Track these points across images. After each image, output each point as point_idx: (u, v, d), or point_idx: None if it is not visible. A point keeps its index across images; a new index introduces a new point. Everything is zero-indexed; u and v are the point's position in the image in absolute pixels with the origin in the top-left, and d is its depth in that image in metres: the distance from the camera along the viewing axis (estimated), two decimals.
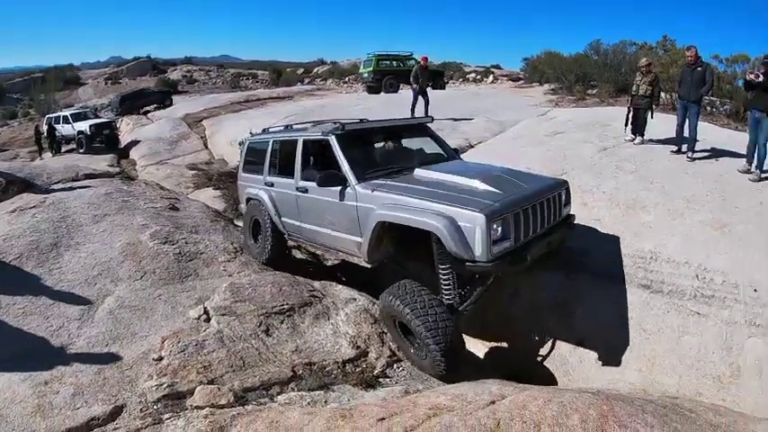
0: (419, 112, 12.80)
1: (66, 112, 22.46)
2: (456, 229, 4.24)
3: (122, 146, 19.90)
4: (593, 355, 5.45)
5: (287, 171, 6.56)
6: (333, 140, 5.70)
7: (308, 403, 3.71)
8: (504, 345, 5.99)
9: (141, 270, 6.08)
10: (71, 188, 8.94)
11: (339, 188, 5.46)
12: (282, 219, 6.79)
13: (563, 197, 5.45)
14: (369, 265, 5.52)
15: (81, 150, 19.31)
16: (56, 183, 9.84)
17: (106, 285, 5.71)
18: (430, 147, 6.79)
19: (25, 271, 5.87)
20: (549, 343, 5.74)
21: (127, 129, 21.60)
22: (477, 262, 4.20)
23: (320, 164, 6.17)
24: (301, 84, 38.87)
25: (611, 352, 5.39)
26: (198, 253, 6.82)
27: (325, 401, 3.84)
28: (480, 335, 6.15)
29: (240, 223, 9.29)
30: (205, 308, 5.33)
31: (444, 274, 4.65)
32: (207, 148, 17.80)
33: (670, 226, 6.30)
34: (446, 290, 4.69)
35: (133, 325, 5.02)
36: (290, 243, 7.41)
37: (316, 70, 46.25)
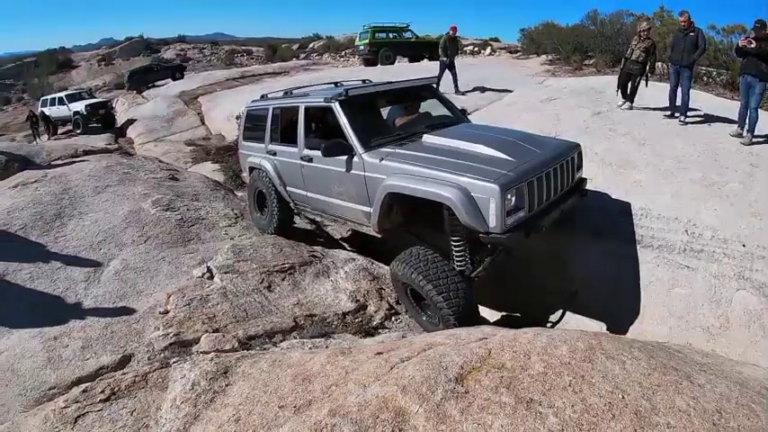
0: (447, 86, 12.22)
1: (62, 94, 22.31)
2: (469, 200, 4.10)
3: (119, 125, 19.89)
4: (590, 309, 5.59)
5: (289, 139, 6.28)
6: (336, 107, 5.39)
7: (310, 348, 3.87)
8: (517, 314, 6.00)
9: (144, 235, 6.21)
10: (71, 163, 9.01)
11: (345, 157, 5.19)
12: (288, 188, 6.51)
13: (575, 161, 5.31)
14: (378, 235, 5.34)
15: (78, 131, 19.24)
16: (56, 159, 9.89)
17: (111, 250, 5.84)
18: (437, 110, 6.49)
19: (30, 240, 5.99)
20: (560, 312, 5.78)
21: (122, 108, 21.57)
22: (492, 233, 4.10)
23: (324, 131, 6.01)
24: (297, 59, 38.52)
25: (604, 304, 5.56)
26: (199, 219, 6.95)
27: (326, 346, 3.99)
28: (492, 303, 6.15)
29: (241, 193, 9.42)
30: (208, 267, 5.49)
31: (456, 243, 4.58)
32: (204, 124, 17.82)
33: (661, 184, 6.41)
34: (458, 257, 4.61)
35: (138, 284, 5.19)
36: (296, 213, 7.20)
37: (311, 45, 45.73)
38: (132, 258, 5.67)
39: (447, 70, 12.39)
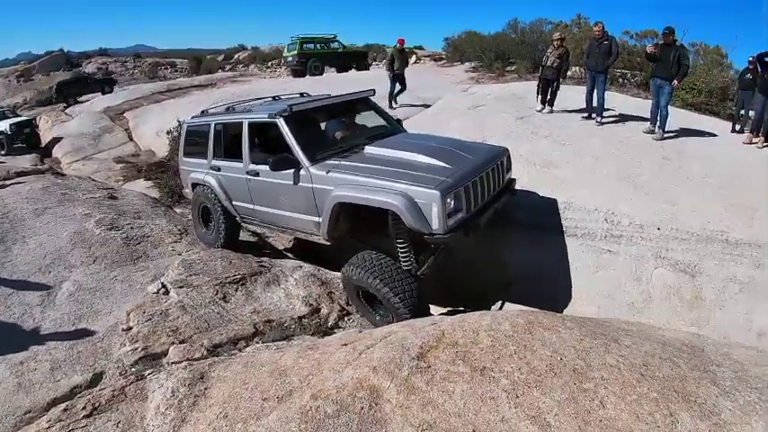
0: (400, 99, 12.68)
1: None
2: (413, 205, 4.47)
3: (43, 144, 19.06)
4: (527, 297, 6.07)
5: (233, 154, 6.34)
6: (281, 123, 5.56)
7: (275, 350, 4.13)
8: (461, 308, 6.39)
9: (92, 255, 6.22)
10: (3, 186, 8.77)
11: (292, 170, 5.40)
12: (234, 203, 6.62)
13: (505, 164, 5.79)
14: (327, 243, 5.57)
15: (2, 152, 18.18)
16: None
17: (61, 272, 5.83)
18: (374, 120, 6.82)
19: None
20: (499, 303, 6.23)
21: (46, 126, 20.62)
22: (435, 234, 4.48)
23: (268, 146, 6.14)
24: (223, 71, 38.05)
25: (538, 291, 6.08)
26: (145, 236, 6.99)
27: (290, 347, 4.26)
28: (437, 301, 6.40)
29: (179, 210, 9.45)
30: (162, 283, 5.59)
31: (402, 245, 4.93)
32: (132, 140, 17.42)
33: (581, 180, 7.07)
34: (404, 258, 4.96)
35: (95, 304, 5.24)
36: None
37: (237, 56, 45.27)
38: (84, 279, 5.70)
39: (397, 83, 12.55)
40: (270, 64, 37.92)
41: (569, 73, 12.06)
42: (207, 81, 28.17)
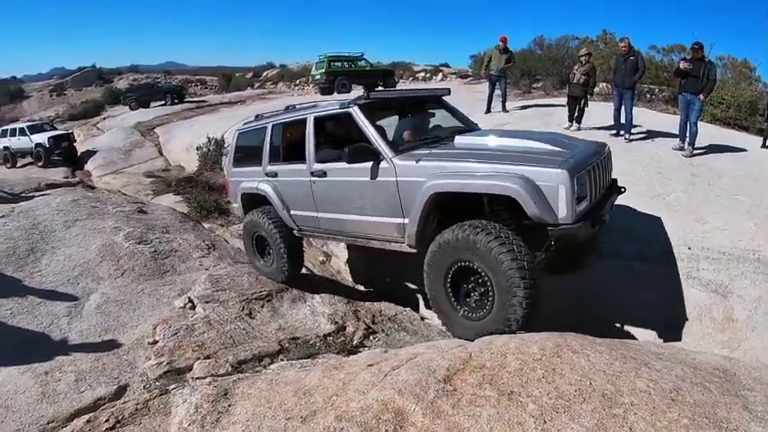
0: (497, 106, 12.13)
1: (23, 124, 21.50)
2: (536, 190, 3.72)
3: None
4: None
5: (294, 156, 5.73)
6: (356, 111, 4.93)
7: (299, 368, 4.11)
8: None
9: (120, 268, 6.31)
10: (34, 197, 8.98)
11: (370, 164, 4.69)
12: (292, 212, 5.92)
13: (610, 158, 5.10)
14: (413, 251, 4.66)
15: (39, 164, 18.58)
16: (20, 193, 9.80)
17: (89, 284, 5.92)
18: (448, 121, 6.11)
19: (6, 275, 5.99)
20: None
21: (79, 140, 21.21)
22: (561, 224, 3.76)
23: (338, 144, 5.43)
24: (252, 88, 38.56)
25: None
26: (172, 251, 7.08)
27: (315, 365, 4.25)
28: None
29: (208, 225, 9.56)
30: (189, 297, 5.66)
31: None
32: (162, 155, 17.82)
33: None
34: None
35: (122, 317, 5.30)
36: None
37: (265, 74, 45.78)
38: (112, 292, 5.77)
39: (497, 84, 12.02)
40: (298, 82, 38.31)
41: (596, 89, 11.94)
42: (236, 98, 28.66)
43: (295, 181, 5.72)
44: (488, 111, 11.99)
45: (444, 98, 6.27)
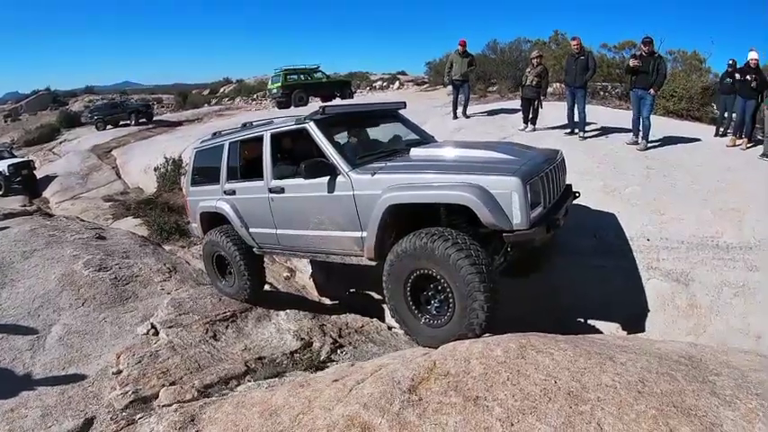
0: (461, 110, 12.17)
1: None
2: (490, 198, 3.79)
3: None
4: None
5: (252, 173, 5.68)
6: (312, 127, 4.93)
7: (266, 388, 4.06)
8: None
9: (81, 298, 6.15)
10: None
11: (327, 179, 4.68)
12: (251, 230, 5.86)
13: (564, 164, 5.23)
14: (372, 263, 4.68)
15: None
16: None
17: (50, 315, 5.76)
18: (403, 133, 6.15)
19: None
20: None
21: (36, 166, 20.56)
22: (516, 230, 3.82)
23: (294, 160, 5.41)
24: (209, 105, 38.18)
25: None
26: (133, 276, 6.92)
27: (281, 384, 4.20)
28: None
29: (168, 248, 9.37)
30: (152, 323, 5.53)
31: None
32: (120, 178, 17.40)
33: None
34: None
35: (85, 347, 5.17)
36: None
37: (222, 90, 45.51)
38: (73, 322, 5.62)
39: (459, 90, 11.97)
40: (255, 96, 38.11)
41: (550, 90, 12.13)
42: (193, 116, 28.27)
43: (253, 198, 5.66)
44: (455, 116, 12.05)
45: (400, 111, 6.30)
